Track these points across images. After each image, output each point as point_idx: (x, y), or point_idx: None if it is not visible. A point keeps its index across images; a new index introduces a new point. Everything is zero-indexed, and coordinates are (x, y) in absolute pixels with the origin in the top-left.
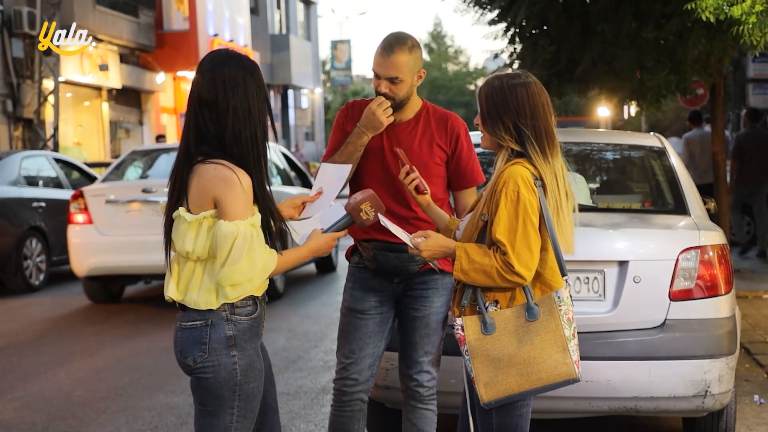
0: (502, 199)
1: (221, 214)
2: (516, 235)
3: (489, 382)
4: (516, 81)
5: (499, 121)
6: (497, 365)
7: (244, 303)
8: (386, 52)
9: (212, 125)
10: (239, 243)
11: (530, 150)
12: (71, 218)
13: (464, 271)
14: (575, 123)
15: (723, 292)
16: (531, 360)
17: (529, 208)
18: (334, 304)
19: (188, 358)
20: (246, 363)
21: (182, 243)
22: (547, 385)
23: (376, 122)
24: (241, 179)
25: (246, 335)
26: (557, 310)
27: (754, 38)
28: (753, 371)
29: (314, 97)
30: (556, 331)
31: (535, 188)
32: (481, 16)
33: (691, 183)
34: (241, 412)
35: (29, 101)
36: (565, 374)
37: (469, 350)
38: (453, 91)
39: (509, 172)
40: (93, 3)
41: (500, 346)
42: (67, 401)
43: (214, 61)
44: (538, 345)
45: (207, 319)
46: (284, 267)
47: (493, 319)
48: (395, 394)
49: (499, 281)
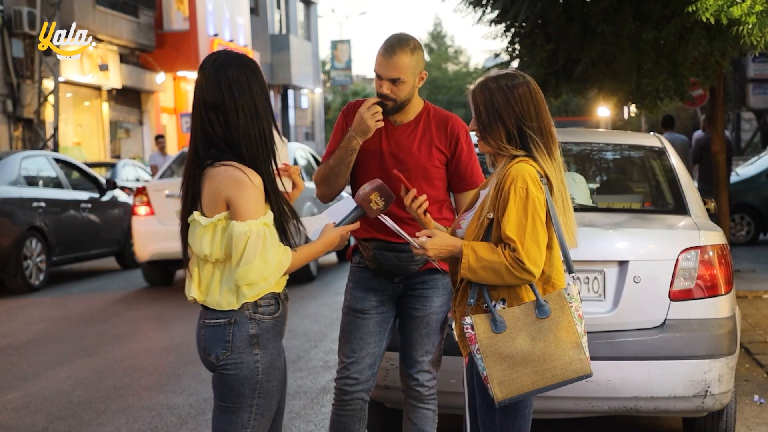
0: (511, 196)
1: (234, 214)
2: (525, 231)
3: (503, 380)
4: (515, 81)
5: (500, 125)
6: (511, 363)
7: (267, 302)
8: (388, 53)
9: (219, 128)
10: (252, 242)
11: (536, 152)
12: (135, 210)
13: (472, 269)
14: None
15: (723, 292)
16: (546, 357)
17: (538, 204)
18: (334, 304)
19: (211, 355)
20: (268, 362)
21: (200, 246)
22: (562, 382)
23: (364, 126)
24: (252, 179)
25: (269, 334)
26: (568, 307)
27: (754, 38)
28: (753, 371)
29: (314, 97)
30: (569, 327)
31: (542, 185)
32: (482, 16)
33: (691, 183)
34: (259, 410)
35: (29, 101)
36: (580, 370)
37: (481, 349)
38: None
39: (516, 169)
40: (93, 3)
41: (512, 344)
42: (67, 401)
43: (215, 64)
44: (552, 342)
45: (231, 318)
46: (299, 263)
47: (503, 317)
48: (395, 394)
49: (507, 278)
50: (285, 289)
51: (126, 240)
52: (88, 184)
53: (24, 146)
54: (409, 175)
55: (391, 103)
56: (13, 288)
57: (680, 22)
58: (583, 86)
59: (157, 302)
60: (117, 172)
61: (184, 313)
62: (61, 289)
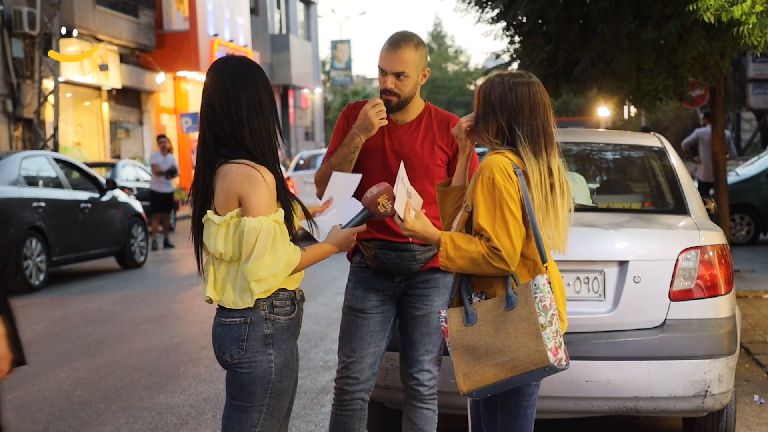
0: (477, 186)
1: (245, 211)
2: (495, 221)
3: (467, 372)
4: (518, 80)
5: (492, 119)
6: (474, 355)
7: (283, 303)
8: (393, 48)
9: (228, 125)
10: (263, 238)
11: (520, 148)
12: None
13: (450, 258)
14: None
15: (723, 292)
16: (505, 349)
17: (506, 194)
18: (334, 304)
19: (225, 353)
20: (281, 362)
21: (214, 245)
22: (523, 374)
23: (368, 123)
24: (265, 176)
25: (283, 335)
26: (532, 298)
27: (754, 38)
28: (753, 371)
29: (314, 97)
30: (530, 318)
31: (513, 176)
32: (482, 15)
33: (691, 183)
34: (269, 409)
35: (29, 101)
36: (538, 361)
37: (450, 342)
38: (453, 91)
39: (486, 161)
40: (93, 3)
41: (478, 337)
42: (67, 401)
43: (218, 64)
44: (512, 333)
45: (246, 317)
46: (307, 263)
47: (475, 310)
48: (395, 394)
49: (485, 268)
50: (301, 289)
51: (126, 240)
52: (88, 184)
53: (24, 146)
54: (412, 173)
55: (395, 99)
56: (13, 288)
57: (680, 21)
58: (583, 86)
59: (157, 302)
60: (117, 172)
61: (184, 313)
62: (61, 289)
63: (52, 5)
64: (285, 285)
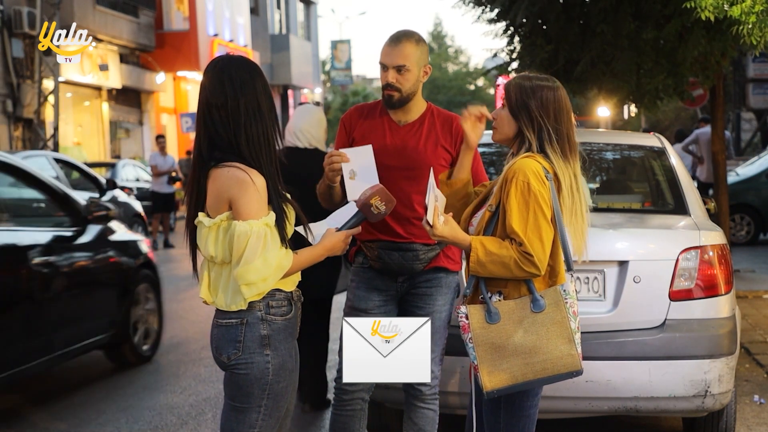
0: (512, 190)
1: (235, 214)
2: (528, 225)
3: (493, 370)
4: (544, 83)
5: (525, 112)
6: (501, 353)
7: (279, 303)
8: (394, 43)
9: (223, 129)
10: (253, 242)
11: (549, 149)
12: None
13: (481, 262)
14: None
15: (723, 292)
16: (536, 349)
17: (540, 199)
18: (335, 304)
19: (223, 354)
20: (278, 363)
21: (205, 248)
22: (552, 376)
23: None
24: (255, 180)
25: (281, 335)
26: (563, 303)
27: (754, 38)
28: (753, 371)
29: (314, 97)
30: (562, 322)
31: (546, 181)
32: (481, 14)
33: (691, 183)
34: (267, 410)
35: (29, 101)
36: (571, 365)
37: (473, 338)
38: (453, 91)
39: (519, 164)
40: (93, 3)
41: (505, 335)
42: (67, 401)
43: (218, 65)
44: (544, 335)
45: (243, 318)
46: (299, 266)
47: (498, 309)
48: (395, 394)
49: (516, 272)
50: (298, 290)
51: None
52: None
53: (24, 146)
54: (415, 173)
55: (396, 94)
56: None
57: (680, 21)
58: (583, 86)
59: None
60: (117, 172)
61: (184, 313)
62: None
63: (52, 5)
64: (281, 286)
